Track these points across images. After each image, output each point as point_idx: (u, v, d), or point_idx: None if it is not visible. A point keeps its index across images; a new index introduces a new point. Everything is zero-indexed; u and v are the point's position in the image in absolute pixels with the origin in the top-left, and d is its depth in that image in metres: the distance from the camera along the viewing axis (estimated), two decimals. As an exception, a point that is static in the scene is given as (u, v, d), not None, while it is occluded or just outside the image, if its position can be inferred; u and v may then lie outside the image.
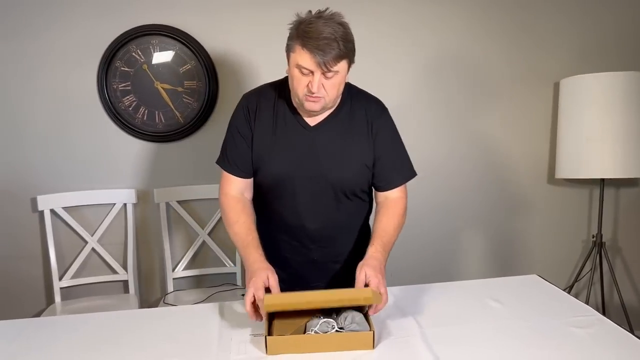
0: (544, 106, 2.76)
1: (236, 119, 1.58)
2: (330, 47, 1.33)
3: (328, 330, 1.29)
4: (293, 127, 1.52)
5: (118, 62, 2.41)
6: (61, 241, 2.50)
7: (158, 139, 2.50)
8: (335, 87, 1.41)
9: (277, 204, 1.58)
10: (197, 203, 2.56)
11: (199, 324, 1.47)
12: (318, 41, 1.32)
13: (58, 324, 1.54)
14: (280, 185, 1.54)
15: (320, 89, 1.38)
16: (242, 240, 1.49)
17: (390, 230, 1.52)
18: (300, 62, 1.36)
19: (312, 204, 1.55)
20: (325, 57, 1.33)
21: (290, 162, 1.51)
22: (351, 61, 1.43)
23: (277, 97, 1.54)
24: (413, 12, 2.59)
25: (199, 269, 2.58)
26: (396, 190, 1.59)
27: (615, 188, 2.86)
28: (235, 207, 1.55)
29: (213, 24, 2.46)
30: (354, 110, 1.54)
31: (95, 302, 2.43)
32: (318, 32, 1.32)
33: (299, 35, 1.36)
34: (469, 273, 2.82)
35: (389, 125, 1.59)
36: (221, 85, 2.50)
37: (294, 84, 1.42)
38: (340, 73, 1.39)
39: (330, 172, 1.51)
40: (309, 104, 1.42)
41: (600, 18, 2.70)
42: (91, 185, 2.49)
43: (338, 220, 1.60)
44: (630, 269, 2.94)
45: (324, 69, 1.35)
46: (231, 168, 1.57)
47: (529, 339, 1.33)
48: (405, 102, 2.64)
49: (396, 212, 1.56)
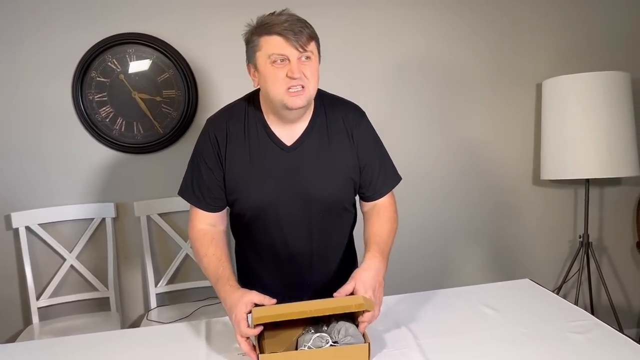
0: (527, 108, 2.76)
1: (202, 148, 1.43)
2: (298, 26, 1.26)
3: (322, 345, 1.23)
4: (269, 150, 1.39)
5: (93, 72, 2.33)
6: (38, 259, 2.40)
7: (137, 151, 2.42)
8: (314, 73, 1.31)
9: (262, 235, 1.47)
10: (179, 215, 2.49)
11: (184, 344, 1.41)
12: (283, 24, 1.26)
13: (37, 349, 1.45)
14: (263, 215, 1.43)
15: (301, 76, 1.28)
16: (213, 274, 1.36)
17: (384, 234, 1.43)
18: (271, 50, 1.27)
19: (300, 229, 1.46)
20: (296, 35, 1.25)
21: (272, 189, 1.40)
22: (319, 47, 1.35)
23: (246, 118, 1.41)
24: (393, 14, 2.57)
25: (182, 283, 2.51)
26: (383, 199, 1.53)
27: (599, 188, 2.87)
28: (204, 240, 1.41)
29: (191, 31, 2.40)
30: (331, 120, 1.43)
31: (75, 321, 2.34)
32: (278, 19, 1.27)
33: (260, 30, 1.29)
34: (457, 277, 2.80)
35: (370, 132, 1.50)
36: (201, 94, 2.44)
37: (269, 83, 1.30)
38: (314, 57, 1.31)
39: (315, 192, 1.42)
40: (292, 100, 1.29)
41: (582, 19, 2.72)
42: (68, 200, 2.40)
43: (328, 239, 1.52)
44: (616, 268, 2.95)
45: (299, 49, 1.26)
46: (197, 201, 1.44)
47: (527, 346, 1.30)
48: (386, 106, 2.61)
49: (388, 217, 1.48)
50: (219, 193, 1.43)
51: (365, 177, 1.48)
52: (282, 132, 1.41)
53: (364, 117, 1.50)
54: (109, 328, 2.22)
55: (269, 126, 1.41)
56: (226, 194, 1.43)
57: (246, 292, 1.27)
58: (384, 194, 1.52)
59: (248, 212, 1.45)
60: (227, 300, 1.29)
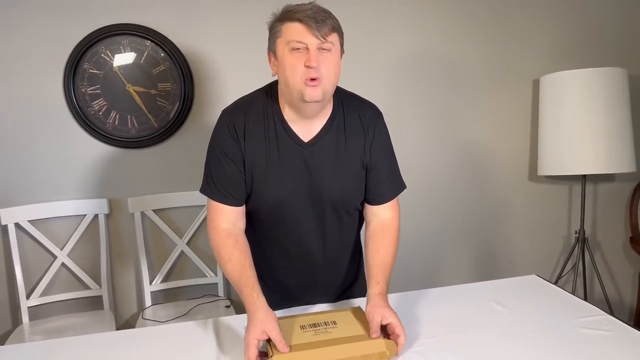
0: (524, 103, 2.77)
1: (220, 139, 1.38)
2: (321, 16, 1.23)
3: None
4: (287, 146, 1.36)
5: (86, 64, 2.26)
6: (28, 257, 2.32)
7: (131, 145, 2.36)
8: (332, 67, 1.27)
9: (276, 231, 1.45)
10: (174, 211, 2.44)
11: (194, 345, 1.36)
12: (307, 11, 1.23)
13: (28, 352, 1.38)
14: (277, 211, 1.40)
15: (319, 67, 1.23)
16: (236, 281, 1.32)
17: (389, 261, 1.41)
18: (291, 36, 1.24)
19: (312, 226, 1.43)
20: (318, 24, 1.22)
21: (287, 185, 1.37)
22: (341, 41, 1.32)
23: (265, 111, 1.37)
24: (389, 11, 2.54)
25: (177, 280, 2.45)
26: (388, 208, 1.47)
27: (593, 183, 2.89)
28: (226, 243, 1.36)
29: (187, 22, 2.34)
30: (348, 118, 1.41)
31: (67, 320, 2.27)
32: (303, 7, 1.24)
33: (284, 17, 1.26)
34: (452, 273, 2.80)
35: (384, 133, 1.47)
36: (197, 87, 2.39)
37: (288, 71, 1.26)
38: (334, 49, 1.27)
39: (329, 191, 1.39)
40: (309, 92, 1.25)
41: (580, 14, 2.73)
42: (59, 196, 2.33)
43: (340, 238, 1.51)
44: (609, 264, 2.98)
45: (319, 38, 1.22)
46: (220, 196, 1.38)
47: (542, 343, 1.29)
48: (382, 101, 2.52)
49: (392, 239, 1.44)
50: (242, 185, 1.38)
51: (371, 180, 1.45)
52: (299, 128, 1.37)
53: (381, 118, 1.47)
54: (102, 327, 2.16)
55: (287, 121, 1.37)
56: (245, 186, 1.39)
57: (267, 320, 1.22)
58: (386, 201, 1.48)
59: (263, 207, 1.41)
60: (249, 314, 1.26)
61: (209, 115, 2.39)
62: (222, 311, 2.29)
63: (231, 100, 1.46)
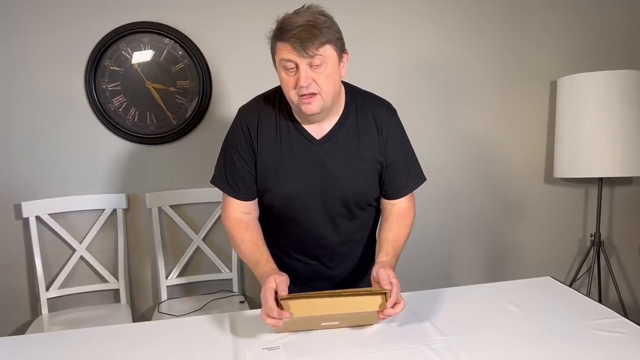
0: (541, 105, 2.75)
1: (234, 137, 1.45)
2: (308, 33, 1.24)
3: None
4: (299, 143, 1.41)
5: (107, 61, 2.30)
6: (47, 249, 2.37)
7: (149, 141, 2.40)
8: (328, 79, 1.29)
9: (290, 226, 1.49)
10: (191, 207, 2.47)
11: (210, 338, 1.38)
12: (293, 30, 1.24)
13: (48, 341, 1.42)
14: (290, 206, 1.45)
15: (311, 83, 1.27)
16: (251, 258, 1.40)
17: (401, 240, 1.47)
18: (282, 56, 1.27)
19: (325, 221, 1.47)
20: (304, 43, 1.23)
21: (300, 181, 1.41)
22: (339, 48, 1.31)
23: (278, 111, 1.43)
24: (406, 11, 2.55)
25: (193, 275, 2.49)
26: (405, 199, 1.52)
27: (610, 186, 2.87)
28: (238, 228, 1.45)
29: (207, 21, 2.37)
30: (361, 116, 1.44)
31: (84, 312, 2.32)
32: (293, 23, 1.25)
33: (275, 33, 1.29)
34: (466, 273, 2.79)
35: (399, 130, 1.50)
36: (215, 85, 2.42)
37: (284, 88, 1.32)
38: (328, 62, 1.28)
39: (341, 186, 1.43)
40: (305, 107, 1.30)
41: (598, 17, 2.71)
42: (79, 191, 2.38)
43: (354, 232, 1.54)
44: (625, 267, 2.96)
45: (304, 55, 1.24)
46: (231, 190, 1.46)
47: (554, 344, 1.29)
48: (400, 103, 2.55)
49: (407, 223, 1.51)
50: (252, 182, 1.44)
51: (388, 176, 1.48)
52: (311, 127, 1.42)
53: (395, 115, 1.50)
54: (119, 320, 2.20)
55: (298, 121, 1.42)
56: (257, 184, 1.44)
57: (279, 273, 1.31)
58: (404, 195, 1.52)
59: (276, 203, 1.45)
60: (264, 277, 1.32)
61: (227, 113, 2.42)
62: (236, 307, 2.32)
63: (248, 98, 1.50)
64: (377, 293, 1.29)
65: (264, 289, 1.27)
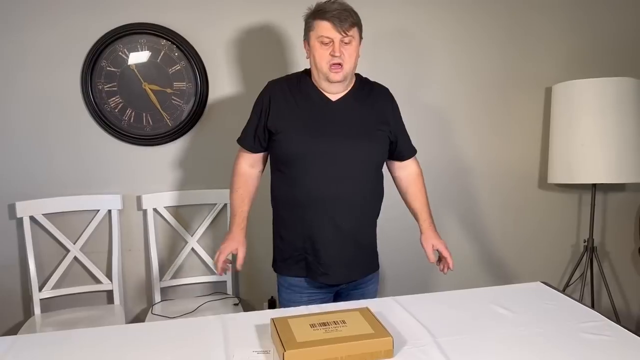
0: (536, 111, 2.77)
1: (257, 101, 1.77)
2: (344, 15, 1.59)
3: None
4: (315, 102, 1.70)
5: (104, 62, 2.30)
6: (41, 250, 2.37)
7: (145, 143, 2.40)
8: (352, 55, 1.64)
9: (304, 177, 1.67)
10: (185, 209, 2.47)
11: (201, 340, 1.39)
12: (333, 12, 1.59)
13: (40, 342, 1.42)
14: (306, 156, 1.66)
15: (342, 55, 1.61)
16: (234, 206, 1.79)
17: (427, 201, 1.89)
18: (321, 32, 1.61)
19: (334, 173, 1.66)
20: (342, 23, 1.59)
21: (314, 131, 1.66)
22: (361, 32, 1.68)
23: (299, 81, 1.74)
24: (402, 18, 2.56)
25: (187, 277, 2.49)
26: (413, 161, 1.90)
27: (603, 193, 2.89)
28: (240, 177, 1.80)
29: (204, 23, 2.38)
30: (367, 92, 1.77)
31: (77, 313, 2.31)
32: (331, 7, 1.61)
33: (315, 13, 1.62)
34: (459, 278, 2.79)
35: (398, 109, 1.86)
36: (211, 87, 2.42)
37: (316, 58, 1.64)
38: (354, 40, 1.64)
39: (352, 140, 1.67)
40: (333, 75, 1.63)
41: (592, 24, 2.73)
42: (74, 191, 2.37)
43: (364, 188, 1.72)
44: (617, 273, 2.97)
45: (342, 34, 1.60)
46: (245, 143, 1.78)
47: (544, 346, 1.31)
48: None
49: (422, 184, 1.91)
50: (262, 137, 1.74)
51: (399, 142, 1.82)
52: (328, 93, 1.72)
53: (394, 99, 1.86)
54: (112, 321, 2.20)
55: (317, 87, 1.72)
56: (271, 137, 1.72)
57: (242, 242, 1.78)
58: (412, 155, 1.90)
59: (293, 151, 1.67)
60: (232, 232, 1.77)
61: (223, 115, 2.43)
62: (230, 309, 2.32)
63: (244, 101, 1.55)
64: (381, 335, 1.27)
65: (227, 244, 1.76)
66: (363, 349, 1.23)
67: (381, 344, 1.24)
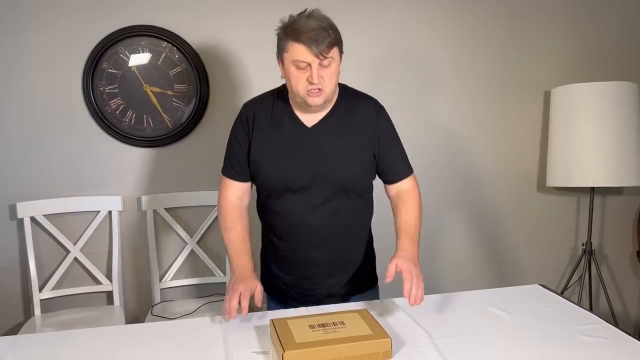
0: (535, 114, 2.78)
1: (235, 127, 1.63)
2: (322, 36, 1.39)
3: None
4: (291, 129, 1.55)
5: (105, 64, 2.32)
6: (41, 250, 2.38)
7: (146, 144, 2.41)
8: (332, 76, 1.46)
9: (281, 207, 1.59)
10: (186, 210, 2.48)
11: (201, 340, 1.40)
12: (309, 33, 1.38)
13: (40, 342, 1.42)
14: (281, 187, 1.56)
15: (320, 80, 1.42)
16: (236, 247, 1.58)
17: (411, 221, 1.57)
18: (296, 56, 1.41)
19: (315, 203, 1.56)
20: (319, 46, 1.38)
21: (291, 163, 1.53)
22: (341, 49, 1.48)
23: (274, 102, 1.58)
24: (401, 15, 2.57)
25: (187, 279, 2.50)
26: (407, 181, 1.64)
27: (602, 196, 2.90)
28: (233, 213, 1.62)
29: (205, 25, 2.40)
30: (351, 108, 1.58)
31: (77, 314, 2.32)
32: (307, 26, 1.39)
33: (289, 33, 1.41)
34: (457, 281, 2.81)
35: (388, 124, 1.64)
36: (212, 90, 2.43)
37: (292, 82, 1.46)
38: (334, 61, 1.45)
39: (330, 170, 1.54)
40: (312, 99, 1.45)
41: (592, 28, 2.74)
42: (75, 192, 2.38)
43: (341, 219, 1.60)
44: (615, 277, 2.98)
45: (320, 57, 1.40)
46: (229, 172, 1.63)
47: (542, 348, 1.31)
48: (393, 107, 2.60)
49: (413, 203, 1.61)
50: (246, 165, 1.60)
51: (386, 162, 1.61)
52: (304, 117, 1.56)
53: (383, 111, 1.63)
54: (112, 322, 2.21)
55: (294, 112, 1.56)
56: (250, 167, 1.59)
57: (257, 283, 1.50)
58: (403, 177, 1.64)
59: (269, 183, 1.58)
60: (245, 271, 1.53)
61: (223, 117, 2.44)
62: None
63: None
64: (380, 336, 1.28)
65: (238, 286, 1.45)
66: (362, 350, 1.24)
67: (380, 345, 1.25)
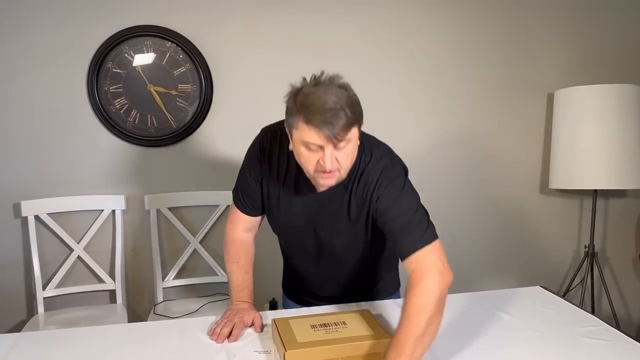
0: (537, 116, 2.79)
1: (251, 158, 1.46)
2: (338, 118, 1.14)
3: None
4: (300, 190, 1.40)
5: (110, 64, 2.33)
6: (45, 249, 2.39)
7: (149, 144, 2.42)
8: (348, 157, 1.24)
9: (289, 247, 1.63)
10: (189, 210, 2.49)
11: (201, 339, 1.40)
12: (323, 114, 1.14)
13: (43, 339, 1.44)
14: (286, 236, 1.58)
15: (334, 163, 1.20)
16: (237, 280, 1.57)
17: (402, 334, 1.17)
18: (306, 139, 1.18)
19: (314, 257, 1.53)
20: (334, 129, 1.15)
21: (294, 223, 1.45)
22: (360, 124, 1.25)
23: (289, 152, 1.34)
24: (405, 18, 2.58)
25: (189, 278, 2.50)
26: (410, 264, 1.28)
27: (604, 199, 2.89)
28: (238, 248, 1.58)
29: (209, 26, 2.40)
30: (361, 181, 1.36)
31: (80, 312, 2.33)
32: (321, 104, 1.15)
33: (300, 110, 1.17)
34: (460, 282, 2.79)
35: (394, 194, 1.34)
36: (216, 90, 2.44)
37: (302, 162, 1.24)
38: (352, 140, 1.22)
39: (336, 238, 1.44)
40: (322, 181, 1.25)
41: (595, 31, 2.75)
42: (78, 191, 2.40)
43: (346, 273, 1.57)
44: (618, 279, 2.98)
45: (334, 141, 1.17)
46: (240, 205, 1.53)
47: (543, 350, 1.32)
48: (395, 110, 2.63)
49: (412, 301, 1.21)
50: (259, 201, 1.50)
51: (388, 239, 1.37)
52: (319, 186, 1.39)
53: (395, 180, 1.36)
54: (115, 320, 2.21)
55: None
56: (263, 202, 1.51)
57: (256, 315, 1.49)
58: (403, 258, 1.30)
59: (275, 227, 1.55)
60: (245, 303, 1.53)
61: (227, 117, 2.45)
62: (231, 310, 2.33)
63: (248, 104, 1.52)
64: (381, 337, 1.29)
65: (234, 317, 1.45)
66: (363, 350, 1.25)
67: (381, 345, 1.26)
